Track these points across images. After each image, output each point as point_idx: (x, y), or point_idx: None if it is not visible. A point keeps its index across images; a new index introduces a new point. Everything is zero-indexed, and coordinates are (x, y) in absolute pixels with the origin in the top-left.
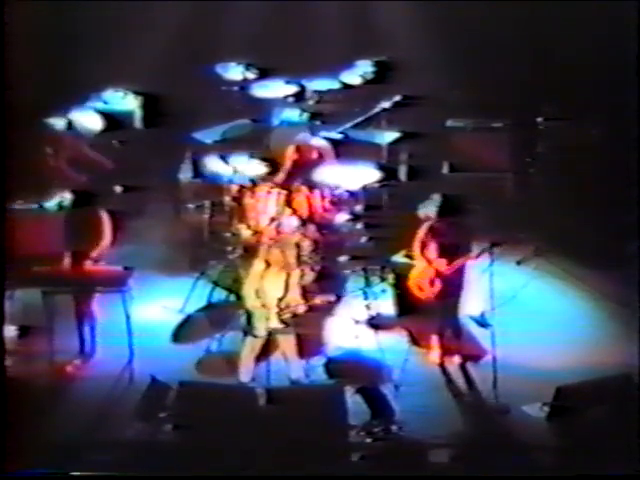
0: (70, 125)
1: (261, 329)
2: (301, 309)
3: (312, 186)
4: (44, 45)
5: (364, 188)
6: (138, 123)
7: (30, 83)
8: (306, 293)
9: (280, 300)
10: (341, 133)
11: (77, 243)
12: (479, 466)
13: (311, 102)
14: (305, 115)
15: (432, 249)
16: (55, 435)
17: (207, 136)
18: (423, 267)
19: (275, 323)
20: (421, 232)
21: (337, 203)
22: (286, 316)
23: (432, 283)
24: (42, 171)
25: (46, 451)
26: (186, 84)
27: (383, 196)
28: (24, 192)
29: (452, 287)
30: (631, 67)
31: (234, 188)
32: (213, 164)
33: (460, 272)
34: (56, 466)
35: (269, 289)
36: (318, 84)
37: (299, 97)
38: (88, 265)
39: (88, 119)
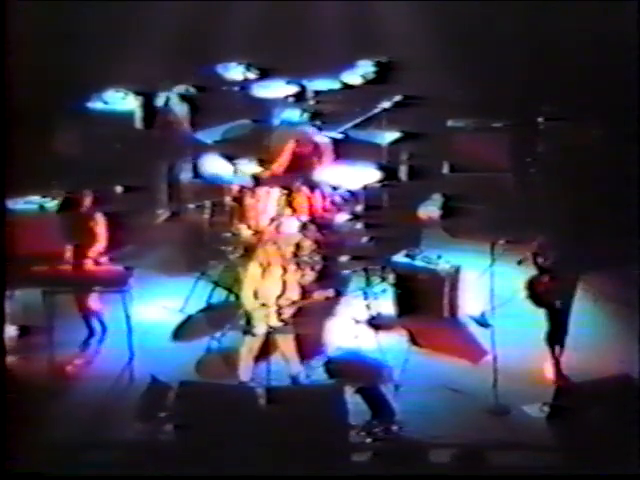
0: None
1: (260, 328)
2: (300, 305)
3: (313, 186)
4: (44, 45)
5: (364, 188)
6: (138, 123)
7: (30, 83)
8: (306, 293)
9: (278, 298)
10: (342, 133)
11: (77, 240)
12: (479, 466)
13: (312, 102)
14: (305, 115)
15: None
16: (55, 435)
17: (207, 136)
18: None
19: (274, 322)
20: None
21: (337, 203)
22: (285, 315)
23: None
24: (42, 171)
25: (46, 451)
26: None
27: (383, 196)
28: (24, 192)
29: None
30: (631, 67)
31: (234, 188)
32: (213, 164)
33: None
34: (56, 466)
35: (268, 288)
36: (319, 84)
37: (300, 97)
38: (88, 265)
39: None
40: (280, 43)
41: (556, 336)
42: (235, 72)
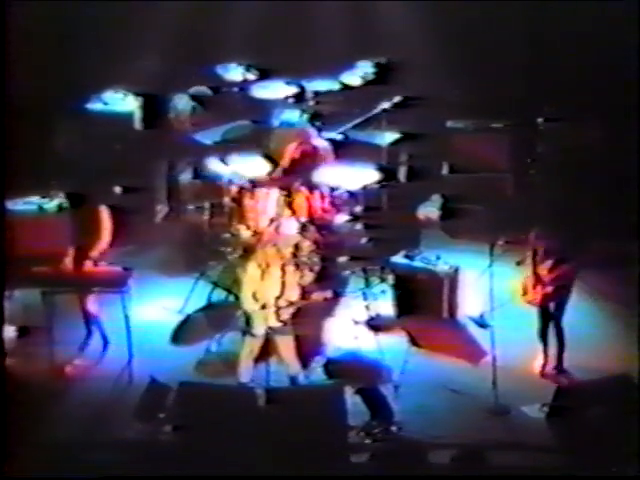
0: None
1: (260, 329)
2: (299, 306)
3: (312, 187)
4: (44, 45)
5: (364, 189)
6: (138, 124)
7: (30, 84)
8: (305, 293)
9: (277, 299)
10: (341, 134)
11: (78, 240)
12: (479, 466)
13: (311, 103)
14: (305, 116)
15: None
16: (54, 435)
17: (207, 137)
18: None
19: (274, 322)
20: (531, 239)
21: (337, 204)
22: (285, 315)
23: (535, 288)
24: (42, 171)
25: (45, 452)
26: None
27: (383, 197)
28: (24, 192)
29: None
30: (631, 67)
31: (234, 189)
32: (213, 165)
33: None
34: (55, 467)
35: (267, 289)
36: (318, 85)
37: (299, 98)
38: (88, 265)
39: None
40: (279, 44)
41: (549, 333)
42: (235, 73)
